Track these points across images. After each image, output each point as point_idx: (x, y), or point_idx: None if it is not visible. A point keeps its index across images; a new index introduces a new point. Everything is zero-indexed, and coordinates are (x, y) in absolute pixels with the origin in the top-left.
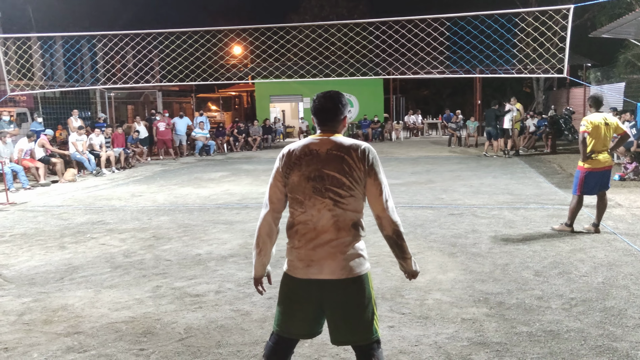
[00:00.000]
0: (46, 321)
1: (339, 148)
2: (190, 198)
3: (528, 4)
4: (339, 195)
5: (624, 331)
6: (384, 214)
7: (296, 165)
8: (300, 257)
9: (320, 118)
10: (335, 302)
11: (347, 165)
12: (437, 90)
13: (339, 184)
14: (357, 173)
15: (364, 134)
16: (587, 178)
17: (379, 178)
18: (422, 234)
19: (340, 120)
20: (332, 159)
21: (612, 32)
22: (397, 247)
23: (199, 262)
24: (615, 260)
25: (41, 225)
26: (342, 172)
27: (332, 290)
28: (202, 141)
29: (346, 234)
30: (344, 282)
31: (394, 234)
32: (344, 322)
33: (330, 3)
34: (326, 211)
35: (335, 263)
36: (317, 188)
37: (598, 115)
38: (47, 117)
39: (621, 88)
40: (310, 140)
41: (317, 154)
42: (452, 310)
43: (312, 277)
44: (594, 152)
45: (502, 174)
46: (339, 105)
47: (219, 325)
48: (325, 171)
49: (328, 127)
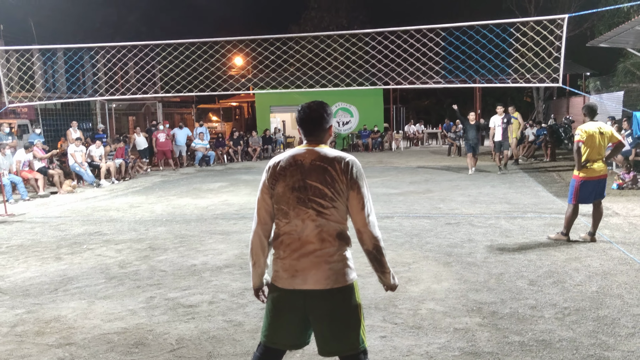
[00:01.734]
0: (38, 332)
1: (323, 159)
2: (188, 209)
3: (527, 13)
4: (321, 206)
5: (616, 340)
6: (365, 228)
7: (281, 176)
8: (285, 268)
9: (306, 128)
10: (320, 313)
11: (329, 176)
12: (438, 100)
13: (321, 195)
14: (339, 185)
15: (363, 143)
16: (582, 187)
17: (361, 192)
18: (418, 244)
19: (326, 130)
20: (315, 170)
21: (609, 41)
22: (377, 262)
23: (193, 272)
24: (610, 269)
25: (38, 236)
26: (324, 183)
27: (317, 301)
28: (202, 152)
29: (330, 244)
30: (329, 292)
31: (374, 248)
32: (330, 333)
33: (330, 14)
34: (310, 221)
35: (319, 273)
36: (300, 198)
37: (593, 125)
38: (47, 129)
39: (620, 97)
40: (295, 152)
41: (302, 165)
42: (445, 320)
43: (297, 288)
44: (588, 161)
45: (500, 183)
46: (324, 115)
47: (211, 336)
48: (309, 182)
49: (314, 137)
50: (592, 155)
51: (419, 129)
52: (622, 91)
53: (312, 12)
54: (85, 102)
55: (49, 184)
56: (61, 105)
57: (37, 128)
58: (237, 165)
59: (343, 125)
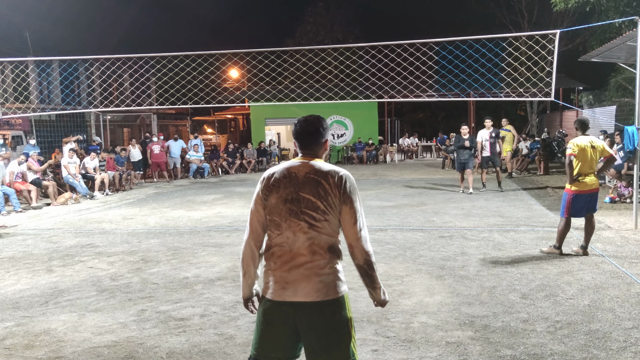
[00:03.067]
0: (27, 346)
1: (317, 172)
2: (181, 221)
3: (520, 28)
4: (314, 219)
5: (607, 354)
6: (356, 242)
7: (275, 188)
8: (275, 279)
9: (302, 142)
10: (310, 325)
11: (322, 189)
12: (432, 113)
13: (313, 208)
14: (332, 198)
15: (358, 156)
16: (574, 200)
17: (354, 206)
18: (411, 257)
19: (322, 144)
20: (308, 183)
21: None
22: (368, 277)
23: (185, 285)
24: (602, 282)
25: (30, 248)
26: (317, 196)
27: (307, 313)
28: (197, 164)
29: (321, 256)
30: (319, 304)
31: (365, 263)
32: (320, 345)
33: (325, 28)
34: (301, 234)
35: (309, 285)
36: (293, 210)
37: (584, 138)
38: (42, 140)
39: (612, 111)
40: (290, 164)
41: (296, 177)
42: (437, 333)
43: (287, 299)
44: (580, 174)
45: (493, 197)
46: (320, 129)
47: (202, 349)
48: (302, 194)
49: (309, 150)
50: (584, 169)
51: (413, 142)
52: (614, 105)
53: (308, 25)
54: (79, 113)
55: (43, 195)
56: (56, 117)
57: (31, 139)
58: (232, 177)
59: (338, 137)
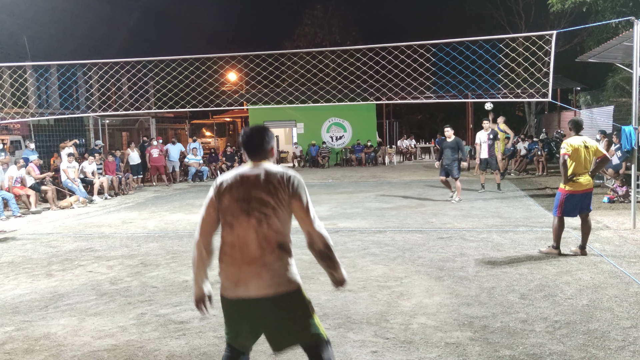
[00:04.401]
0: (27, 350)
1: (267, 173)
2: (180, 224)
3: (517, 29)
4: (264, 214)
5: (606, 354)
6: (312, 229)
7: (227, 190)
8: (228, 277)
9: (249, 150)
10: (266, 318)
11: (272, 186)
12: (430, 114)
13: (264, 204)
14: (282, 195)
15: (357, 158)
16: (567, 200)
17: (303, 199)
18: (410, 258)
19: (268, 151)
20: (259, 182)
21: (598, 56)
22: (328, 259)
23: (185, 288)
24: (600, 282)
25: (29, 253)
26: (267, 193)
27: (262, 308)
28: (195, 167)
29: (271, 253)
30: (272, 299)
31: (324, 247)
32: (279, 333)
33: (323, 31)
34: (252, 231)
35: (261, 281)
36: (244, 209)
37: (578, 139)
38: (40, 145)
39: (610, 111)
40: (241, 169)
41: (247, 178)
42: (436, 334)
43: (241, 296)
44: (575, 174)
45: (492, 197)
46: (264, 137)
47: (202, 352)
48: (252, 193)
49: (257, 156)
50: (578, 168)
51: (411, 144)
52: (612, 105)
53: (306, 28)
54: (78, 118)
55: (42, 200)
56: (54, 121)
57: (30, 144)
58: None
59: (336, 140)
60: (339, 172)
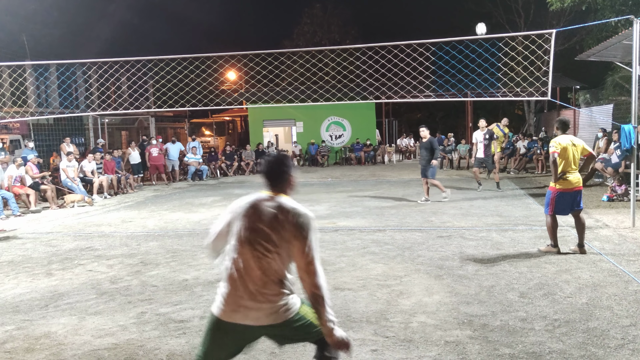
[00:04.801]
0: (28, 349)
1: (278, 207)
2: (180, 223)
3: (517, 27)
4: (267, 250)
5: (605, 352)
6: (305, 275)
7: (239, 215)
8: (227, 301)
9: (268, 179)
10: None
11: (277, 222)
12: (430, 113)
13: (267, 239)
14: (285, 233)
15: (356, 157)
16: (558, 198)
17: (307, 242)
18: (409, 257)
19: (287, 180)
20: (268, 215)
21: (598, 55)
22: (316, 310)
23: (185, 287)
24: (600, 280)
25: (29, 252)
26: (271, 228)
27: (258, 333)
28: (195, 166)
29: (272, 288)
30: (270, 326)
31: (312, 296)
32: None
33: (322, 29)
34: (254, 262)
35: (260, 313)
36: (249, 239)
37: (565, 137)
38: (40, 144)
39: (609, 110)
40: (258, 196)
41: (259, 209)
42: (436, 332)
43: (238, 322)
44: (564, 172)
45: (492, 196)
46: (284, 168)
47: None
48: (260, 225)
49: (276, 187)
50: (567, 167)
51: (410, 142)
52: (611, 104)
53: (305, 27)
54: (77, 117)
55: (41, 199)
56: (54, 120)
57: (29, 143)
58: (230, 179)
59: (336, 139)
60: (338, 171)
